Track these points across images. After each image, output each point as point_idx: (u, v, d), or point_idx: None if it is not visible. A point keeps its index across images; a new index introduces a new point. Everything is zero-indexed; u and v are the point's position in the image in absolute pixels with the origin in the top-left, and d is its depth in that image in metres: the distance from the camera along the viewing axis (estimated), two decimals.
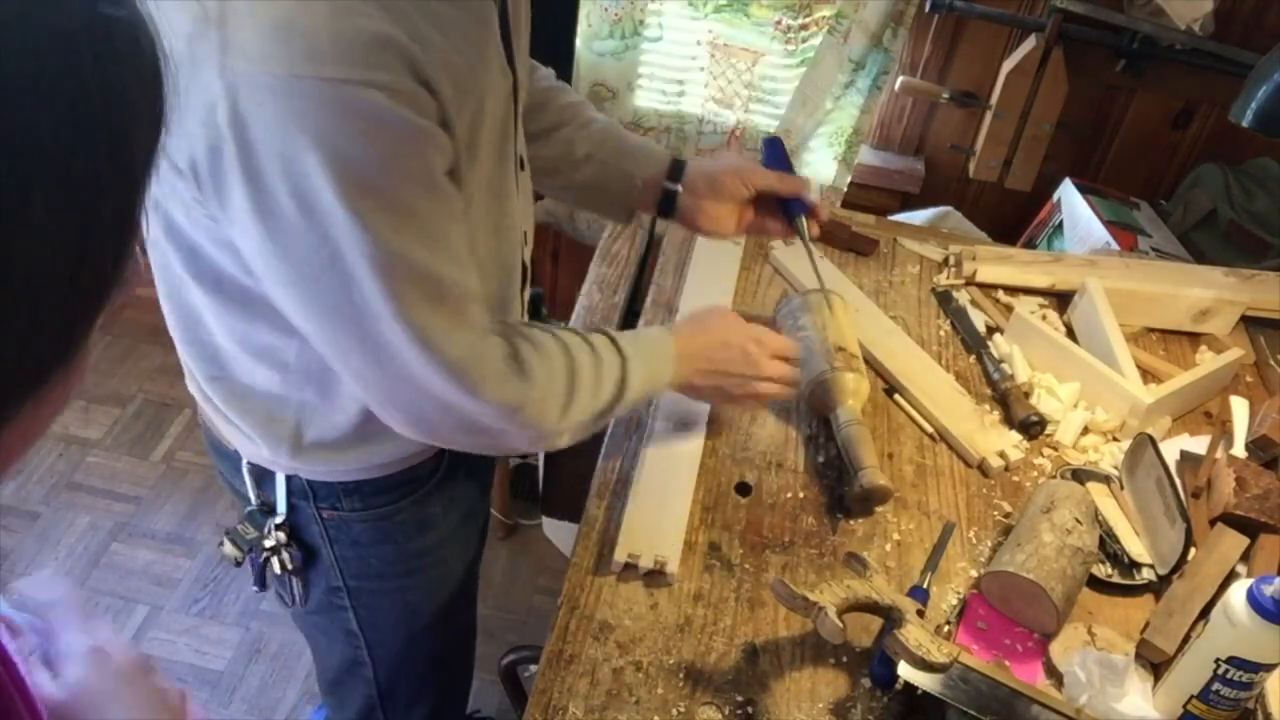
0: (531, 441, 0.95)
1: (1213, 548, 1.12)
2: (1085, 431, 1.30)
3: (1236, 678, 0.93)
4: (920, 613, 0.98)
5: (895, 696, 0.98)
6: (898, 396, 1.31)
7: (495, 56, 0.86)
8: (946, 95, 1.92)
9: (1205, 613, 1.04)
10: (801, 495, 1.17)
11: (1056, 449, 1.28)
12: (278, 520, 1.06)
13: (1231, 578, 1.10)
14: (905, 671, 0.94)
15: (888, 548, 1.13)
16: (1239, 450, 1.29)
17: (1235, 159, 1.89)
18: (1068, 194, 1.86)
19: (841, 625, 0.90)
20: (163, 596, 2.10)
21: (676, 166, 1.18)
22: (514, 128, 0.93)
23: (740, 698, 0.97)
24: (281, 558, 1.08)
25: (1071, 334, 1.43)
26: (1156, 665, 1.04)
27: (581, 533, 1.10)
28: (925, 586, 1.07)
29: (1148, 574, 1.12)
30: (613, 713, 0.95)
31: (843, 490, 1.15)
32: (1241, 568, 1.12)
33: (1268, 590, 0.89)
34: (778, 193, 1.17)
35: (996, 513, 1.19)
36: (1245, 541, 1.13)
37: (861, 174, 2.03)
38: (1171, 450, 1.25)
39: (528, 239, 1.06)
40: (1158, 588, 1.12)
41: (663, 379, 1.05)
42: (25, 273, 0.32)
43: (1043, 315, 1.47)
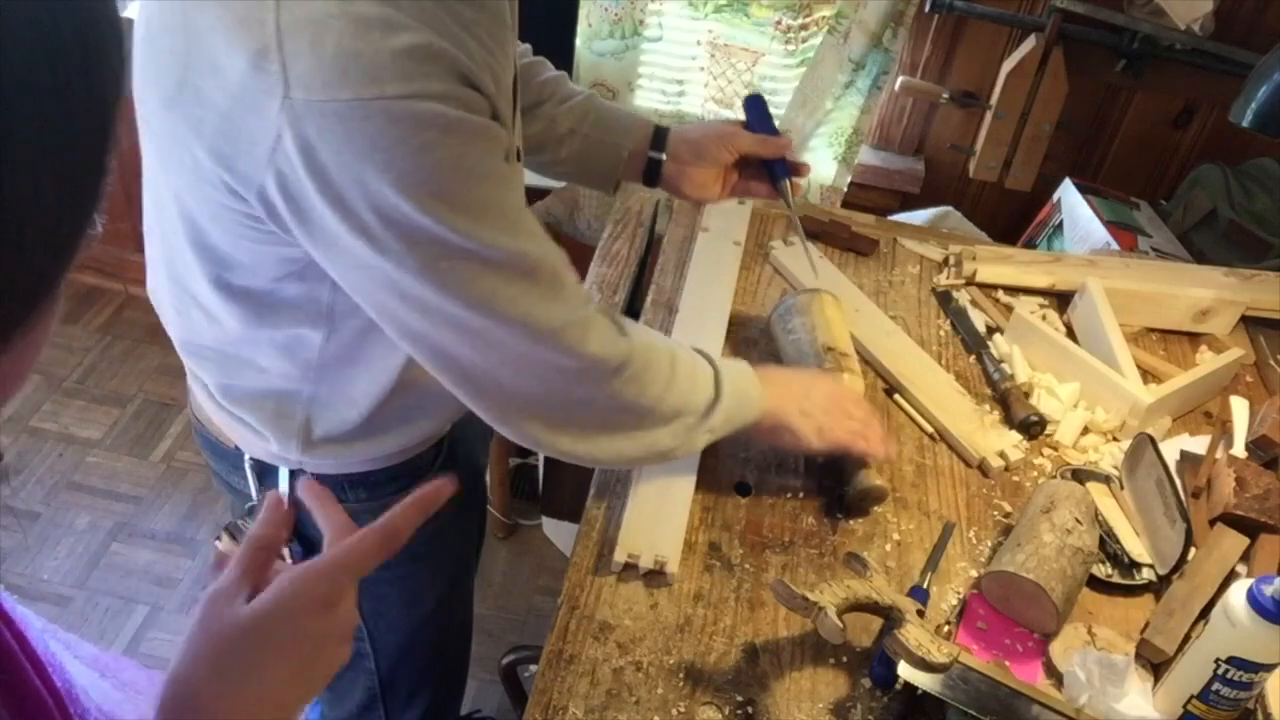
0: (627, 411, 0.95)
1: (1213, 548, 1.12)
2: (1085, 431, 1.30)
3: (1236, 678, 0.93)
4: (920, 613, 0.98)
5: (895, 696, 0.98)
6: (898, 396, 1.31)
7: (510, 52, 0.88)
8: (946, 95, 1.92)
9: (1205, 613, 1.04)
10: (801, 495, 1.17)
11: (1056, 449, 1.28)
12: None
13: (1231, 578, 1.10)
14: (905, 671, 0.94)
15: (888, 548, 1.13)
16: (1239, 450, 1.29)
17: (1235, 159, 1.89)
18: (1068, 194, 1.86)
19: (841, 625, 0.90)
20: (163, 596, 2.10)
21: (659, 134, 1.19)
22: (514, 121, 0.94)
23: (740, 698, 0.97)
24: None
25: (1071, 334, 1.43)
26: (1156, 665, 1.04)
27: (581, 533, 1.10)
28: (925, 586, 1.07)
29: (1148, 574, 1.12)
30: (613, 713, 0.95)
31: (842, 490, 1.15)
32: (1241, 568, 1.12)
33: (1268, 590, 0.89)
34: (761, 156, 1.18)
35: (996, 513, 1.19)
36: (1245, 541, 1.13)
37: (861, 174, 2.04)
38: (1171, 450, 1.25)
39: None
40: (1158, 588, 1.12)
41: (753, 402, 1.05)
42: (12, 205, 0.35)
43: (1043, 315, 1.47)
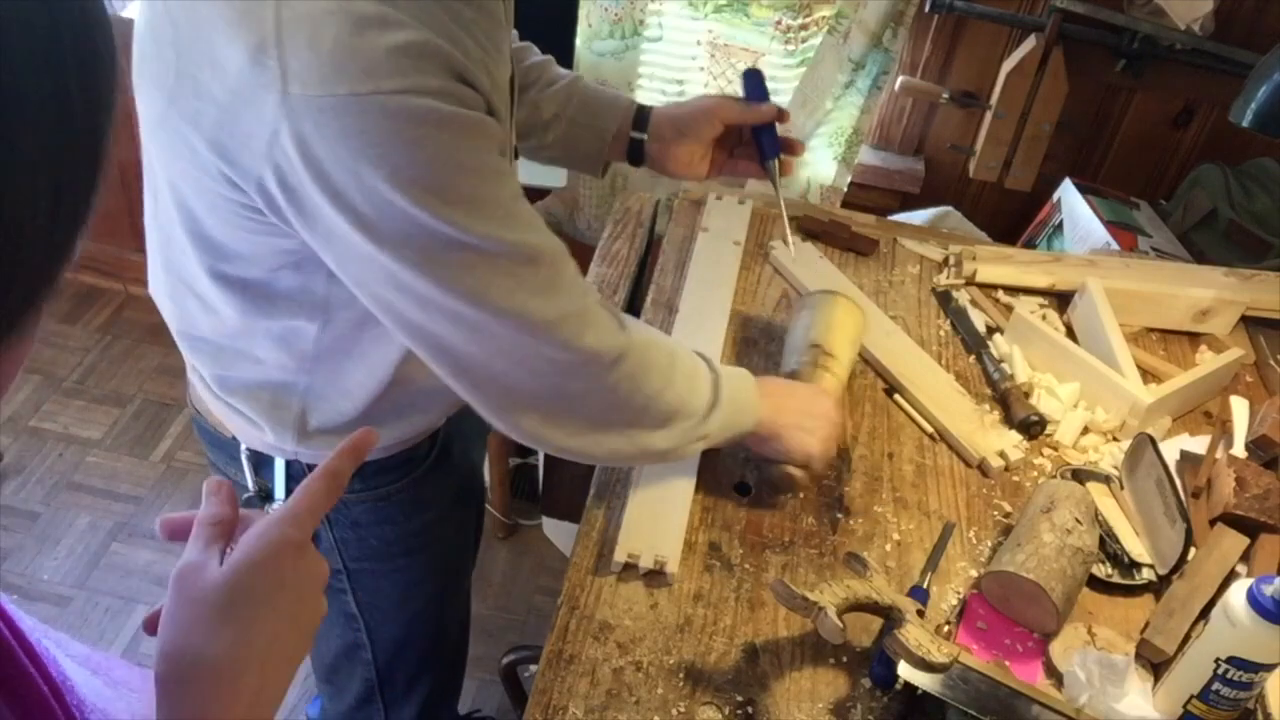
0: (624, 407, 0.95)
1: (1213, 548, 1.12)
2: (1085, 431, 1.30)
3: (1236, 678, 0.93)
4: (920, 613, 0.98)
5: (895, 696, 0.98)
6: (898, 396, 1.31)
7: (506, 51, 0.88)
8: (946, 95, 1.92)
9: (1205, 613, 1.04)
10: (801, 495, 1.17)
11: (1056, 449, 1.28)
12: (275, 506, 1.07)
13: (1231, 578, 1.10)
14: (905, 671, 0.94)
15: (888, 548, 1.13)
16: (1239, 450, 1.29)
17: (1235, 159, 1.89)
18: (1068, 194, 1.86)
19: (841, 625, 0.90)
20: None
21: (642, 114, 1.17)
22: (510, 118, 0.95)
23: (740, 698, 0.97)
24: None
25: (1071, 334, 1.43)
26: (1156, 665, 1.04)
27: (581, 533, 1.10)
28: (925, 586, 1.07)
29: (1148, 574, 1.12)
30: (613, 713, 0.95)
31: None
32: (1241, 568, 1.12)
33: (1268, 590, 0.89)
34: (746, 124, 1.16)
35: (996, 513, 1.19)
36: (1245, 541, 1.14)
37: (861, 174, 2.04)
38: (1171, 450, 1.25)
39: None
40: (1158, 588, 1.12)
41: (750, 410, 1.05)
42: (9, 209, 0.35)
43: (1043, 315, 1.47)
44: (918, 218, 1.91)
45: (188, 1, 0.75)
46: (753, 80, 1.19)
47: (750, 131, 1.19)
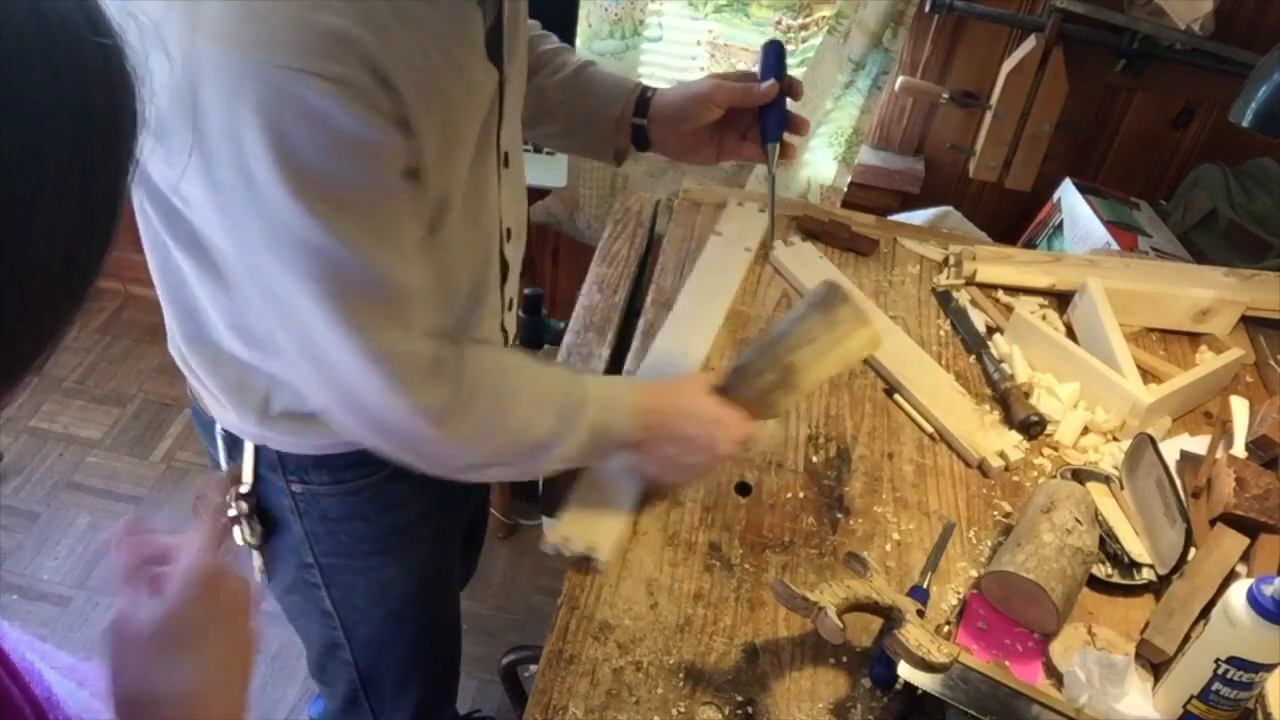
0: (454, 458, 0.93)
1: (1213, 548, 1.12)
2: (1085, 431, 1.30)
3: (1236, 678, 0.93)
4: (920, 613, 0.98)
5: (895, 696, 0.98)
6: (898, 396, 1.32)
7: (476, 56, 0.85)
8: (946, 95, 1.92)
9: (1205, 613, 1.04)
10: (801, 495, 1.17)
11: (1056, 449, 1.28)
12: (242, 490, 1.06)
13: (1231, 578, 1.10)
14: (905, 671, 0.94)
15: (888, 548, 1.13)
16: (1239, 450, 1.29)
17: (1235, 159, 1.89)
18: (1068, 194, 1.86)
19: (841, 625, 0.90)
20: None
21: (645, 98, 1.13)
22: (498, 124, 0.93)
23: (740, 698, 0.97)
24: (243, 530, 1.08)
25: (1071, 334, 1.43)
26: (1156, 665, 1.04)
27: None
28: (925, 586, 1.07)
29: (1148, 574, 1.12)
30: (613, 713, 0.95)
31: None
32: (1241, 568, 1.12)
33: (1268, 590, 0.89)
34: (747, 104, 1.09)
35: (996, 513, 1.19)
36: (1245, 541, 1.14)
37: (861, 174, 2.04)
38: (1171, 450, 1.25)
39: (511, 235, 1.05)
40: (1158, 588, 1.12)
41: (618, 430, 0.99)
42: (23, 277, 0.36)
43: (1043, 315, 1.47)
44: (918, 218, 1.91)
45: None
46: (767, 54, 1.10)
47: (758, 111, 1.11)
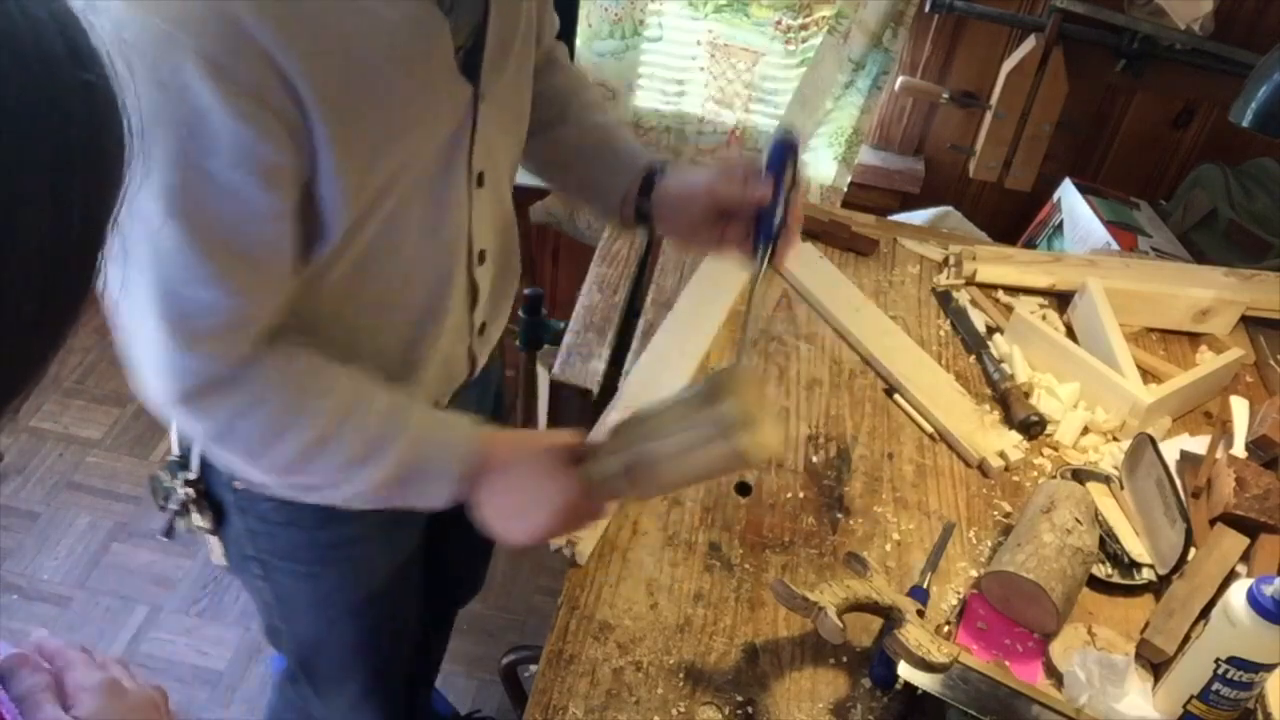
0: (246, 471, 0.89)
1: (1213, 548, 1.12)
2: (1085, 431, 1.30)
3: (1236, 678, 0.93)
4: (920, 613, 0.98)
5: (895, 696, 0.98)
6: (898, 396, 1.32)
7: (438, 68, 0.83)
8: (946, 95, 1.92)
9: (1205, 613, 1.04)
10: (801, 495, 1.17)
11: (1056, 449, 1.28)
12: (189, 476, 1.05)
13: (1231, 578, 1.10)
14: (905, 671, 0.94)
15: (888, 548, 1.13)
16: (1239, 450, 1.30)
17: (1235, 159, 1.89)
18: (1068, 194, 1.86)
19: (841, 625, 0.90)
20: (163, 596, 2.10)
21: (651, 179, 1.08)
22: (470, 141, 0.90)
23: (740, 698, 0.97)
24: (190, 515, 1.08)
25: (1071, 334, 1.43)
26: (1156, 665, 1.04)
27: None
28: (925, 586, 1.07)
29: (1148, 574, 1.12)
30: (613, 713, 0.95)
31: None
32: (1241, 568, 1.12)
33: (1268, 590, 0.89)
34: (743, 205, 1.02)
35: (996, 513, 1.19)
36: (1245, 541, 1.14)
37: (861, 174, 2.03)
38: (1171, 450, 1.25)
39: (485, 258, 1.01)
40: (1158, 588, 1.12)
41: (435, 470, 0.89)
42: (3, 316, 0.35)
43: (1043, 315, 1.47)
44: (918, 218, 1.91)
45: None
46: (775, 152, 1.04)
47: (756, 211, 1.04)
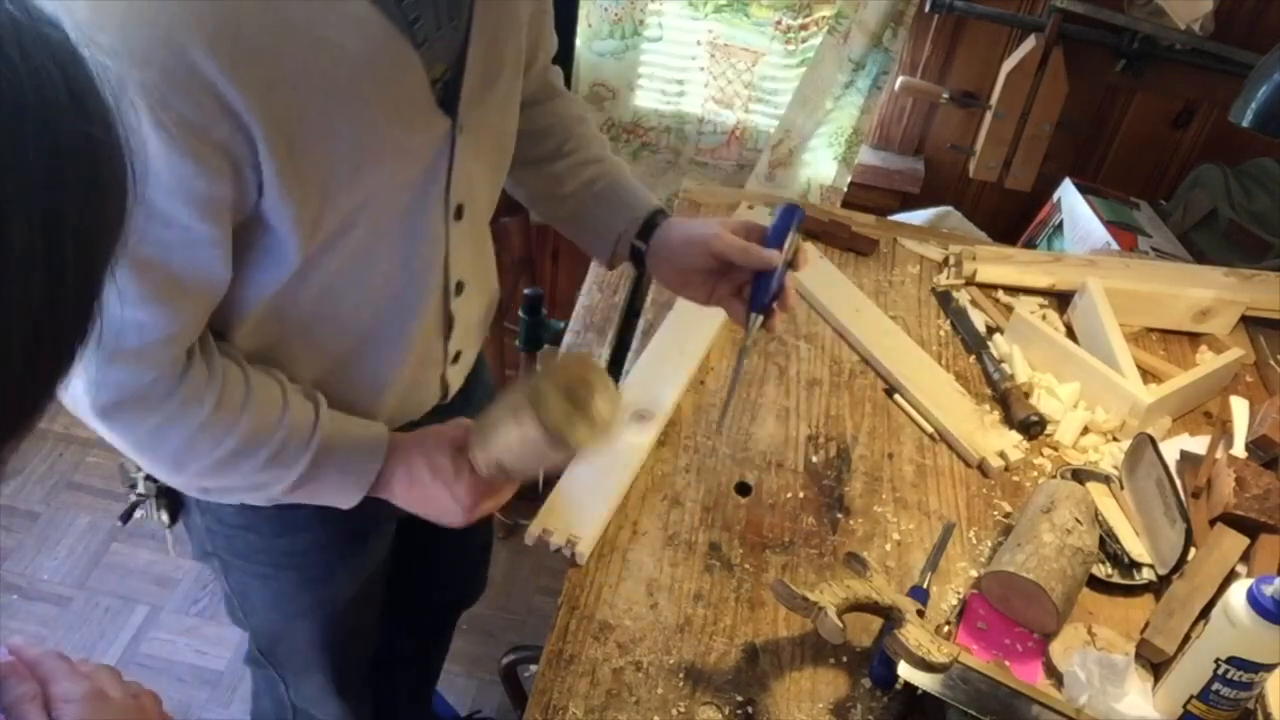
0: (167, 478, 0.90)
1: (1213, 548, 1.12)
2: (1085, 431, 1.30)
3: (1236, 678, 0.93)
4: (920, 613, 0.98)
5: (895, 696, 0.98)
6: (898, 396, 1.31)
7: (409, 101, 0.82)
8: (946, 95, 1.92)
9: (1205, 613, 1.04)
10: (801, 495, 1.17)
11: (1056, 449, 1.28)
12: (146, 471, 1.04)
13: (1231, 578, 1.10)
14: (905, 671, 0.94)
15: (888, 548, 1.13)
16: (1239, 450, 1.30)
17: (1235, 159, 1.89)
18: (1068, 194, 1.86)
19: (841, 625, 0.90)
20: (163, 596, 2.10)
21: (650, 224, 1.09)
22: (447, 173, 0.89)
23: (740, 698, 0.97)
24: (151, 510, 1.08)
25: (1071, 334, 1.43)
26: (1156, 665, 1.04)
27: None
28: (925, 586, 1.07)
29: (1148, 574, 1.12)
30: (613, 713, 0.95)
31: None
32: (1241, 568, 1.12)
33: (1268, 590, 0.89)
34: (742, 265, 1.01)
35: (996, 513, 1.19)
36: (1245, 541, 1.14)
37: (861, 174, 2.03)
38: (1171, 450, 1.25)
39: (464, 290, 1.01)
40: (1158, 588, 1.12)
41: (352, 463, 0.93)
42: None
43: (1043, 315, 1.47)
44: (918, 218, 1.91)
45: None
46: (783, 218, 1.02)
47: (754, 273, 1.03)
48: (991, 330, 1.44)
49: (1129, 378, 1.31)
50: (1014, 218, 2.03)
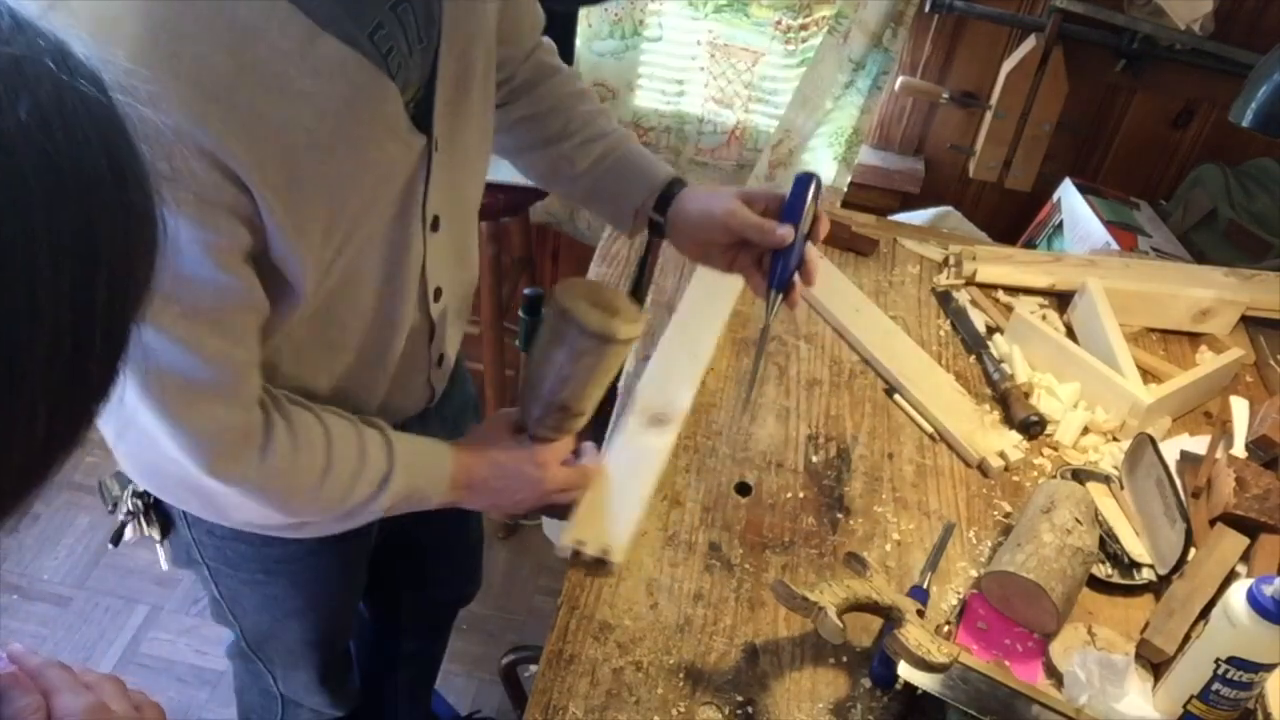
0: (259, 520, 0.97)
1: (1213, 548, 1.12)
2: (1085, 431, 1.30)
3: (1236, 678, 0.93)
4: (920, 613, 0.98)
5: (895, 696, 0.98)
6: (898, 396, 1.31)
7: (388, 127, 0.83)
8: (946, 95, 1.92)
9: (1205, 613, 1.04)
10: (801, 495, 1.17)
11: (1056, 449, 1.28)
12: (137, 488, 1.07)
13: (1231, 578, 1.10)
14: (905, 671, 0.94)
15: (888, 548, 1.13)
16: (1239, 450, 1.30)
17: (1235, 159, 1.89)
18: (1068, 194, 1.86)
19: (841, 625, 0.90)
20: (163, 596, 2.10)
21: (666, 195, 1.09)
22: (424, 189, 0.90)
23: (740, 698, 0.97)
24: (139, 524, 1.10)
25: (1071, 334, 1.43)
26: (1156, 665, 1.04)
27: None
28: (925, 586, 1.07)
29: (1148, 574, 1.12)
30: (613, 713, 0.95)
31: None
32: (1241, 568, 1.12)
33: (1268, 590, 0.89)
34: (758, 242, 1.02)
35: (996, 513, 1.19)
36: (1245, 541, 1.14)
37: (861, 174, 2.03)
38: (1171, 450, 1.25)
39: (440, 295, 1.02)
40: (1158, 588, 1.12)
41: (430, 495, 1.01)
42: (6, 427, 0.34)
43: (1043, 315, 1.47)
44: (918, 218, 1.91)
45: None
46: (797, 188, 1.01)
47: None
48: (991, 330, 1.44)
49: (1129, 378, 1.31)
50: (1014, 218, 2.03)
